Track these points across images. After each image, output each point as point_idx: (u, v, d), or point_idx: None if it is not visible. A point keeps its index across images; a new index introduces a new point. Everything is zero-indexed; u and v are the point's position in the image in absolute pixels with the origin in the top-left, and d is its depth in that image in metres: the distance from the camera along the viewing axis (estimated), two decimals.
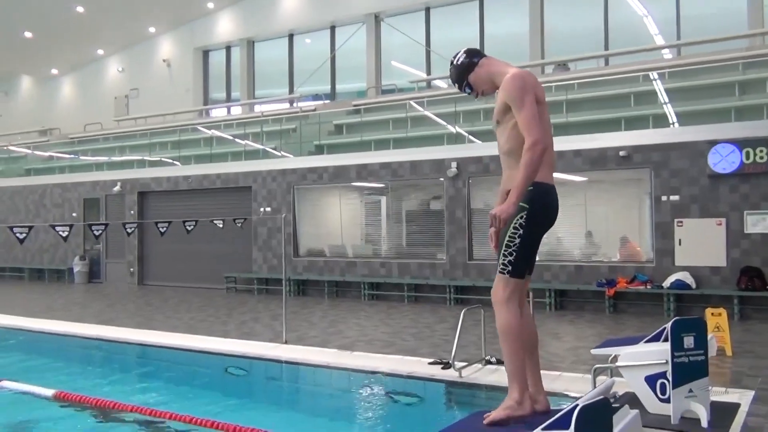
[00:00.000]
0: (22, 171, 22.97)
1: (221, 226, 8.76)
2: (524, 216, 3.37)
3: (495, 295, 3.44)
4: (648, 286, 11.08)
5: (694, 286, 10.78)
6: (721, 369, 6.80)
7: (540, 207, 3.43)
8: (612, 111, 13.11)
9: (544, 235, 3.85)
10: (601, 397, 2.53)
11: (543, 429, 2.50)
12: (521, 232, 3.36)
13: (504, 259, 3.38)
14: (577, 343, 8.57)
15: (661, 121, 12.39)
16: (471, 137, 14.07)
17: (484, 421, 3.14)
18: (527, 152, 3.32)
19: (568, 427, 2.24)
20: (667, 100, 12.92)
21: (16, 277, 20.43)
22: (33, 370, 7.66)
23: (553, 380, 6.27)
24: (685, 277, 10.84)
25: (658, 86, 13.38)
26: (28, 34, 24.40)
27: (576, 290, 11.81)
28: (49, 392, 6.40)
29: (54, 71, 28.43)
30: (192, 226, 7.76)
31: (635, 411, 2.90)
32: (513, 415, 3.15)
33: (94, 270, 19.03)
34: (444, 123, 14.80)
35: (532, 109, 3.40)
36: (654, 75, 13.67)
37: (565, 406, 2.44)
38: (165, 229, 7.42)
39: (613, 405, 2.84)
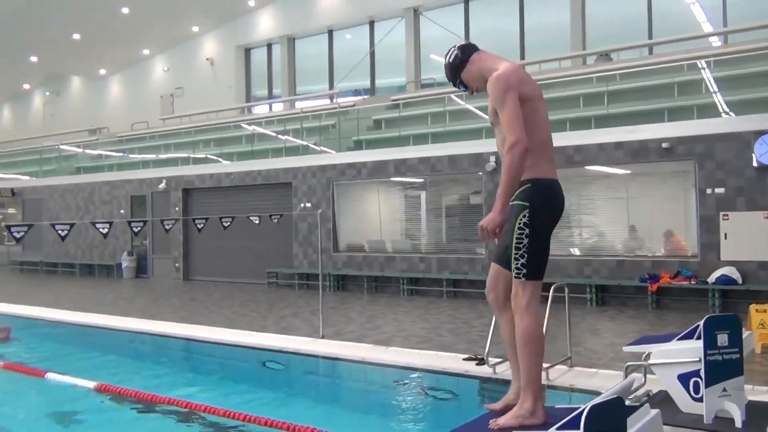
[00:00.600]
0: (73, 169, 23.68)
1: (258, 222, 8.88)
2: (526, 215, 3.28)
3: (515, 301, 3.35)
4: (692, 282, 10.81)
5: (740, 281, 10.47)
6: (766, 367, 6.60)
7: (541, 203, 3.33)
8: (655, 102, 12.80)
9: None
10: (615, 396, 2.50)
11: (557, 429, 2.48)
12: (527, 231, 3.26)
13: (516, 263, 3.28)
14: (616, 339, 8.43)
15: (705, 111, 12.05)
16: None
17: (492, 426, 3.12)
18: (507, 154, 3.24)
19: (578, 427, 2.22)
20: (716, 89, 12.54)
21: (68, 272, 21.10)
22: (78, 363, 7.91)
23: (588, 377, 6.20)
24: (731, 272, 10.53)
25: (707, 75, 13.00)
26: (76, 36, 25.10)
27: (617, 285, 11.60)
28: (91, 384, 6.62)
29: (102, 71, 29.20)
30: (228, 223, 7.89)
31: (656, 411, 2.84)
32: (524, 424, 3.11)
33: (141, 265, 19.52)
34: (484, 115, 14.67)
35: (512, 109, 3.31)
36: (702, 63, 13.29)
37: (581, 405, 2.42)
38: (202, 225, 7.57)
39: (633, 404, 2.80)
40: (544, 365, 6.29)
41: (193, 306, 12.62)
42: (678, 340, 4.51)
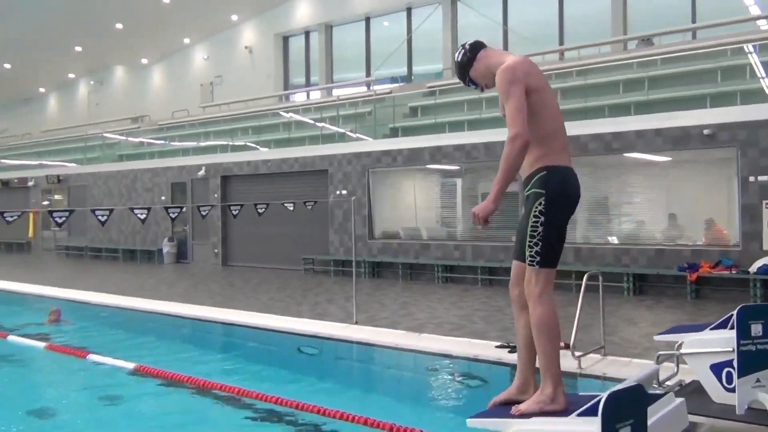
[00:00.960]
0: (116, 157, 24.21)
1: (292, 209, 8.98)
2: (542, 202, 3.25)
3: (527, 289, 3.33)
4: (733, 272, 10.57)
5: None
6: None
7: (557, 190, 3.28)
8: (697, 87, 12.49)
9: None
10: (634, 383, 2.48)
11: (577, 415, 2.48)
12: (542, 219, 3.22)
13: (530, 251, 3.25)
14: (652, 329, 8.30)
15: (749, 97, 11.71)
16: None
17: (514, 412, 3.13)
18: (506, 146, 3.23)
19: (597, 414, 2.22)
20: (764, 74, 12.16)
21: (112, 257, 21.64)
22: (118, 345, 8.15)
23: (622, 367, 6.14)
24: None
25: (754, 59, 12.60)
26: (119, 26, 25.58)
27: (656, 275, 11.41)
28: (130, 365, 6.82)
29: (144, 61, 29.71)
30: (263, 209, 8.00)
31: (680, 399, 2.81)
32: (545, 410, 3.11)
33: (181, 251, 19.90)
34: None
35: (516, 102, 3.29)
36: (748, 48, 12.90)
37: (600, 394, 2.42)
38: (237, 211, 7.69)
39: (656, 392, 2.78)
40: (577, 353, 6.27)
41: (231, 291, 12.84)
42: (711, 329, 4.45)
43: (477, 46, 3.67)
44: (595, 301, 6.79)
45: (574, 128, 12.56)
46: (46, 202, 24.92)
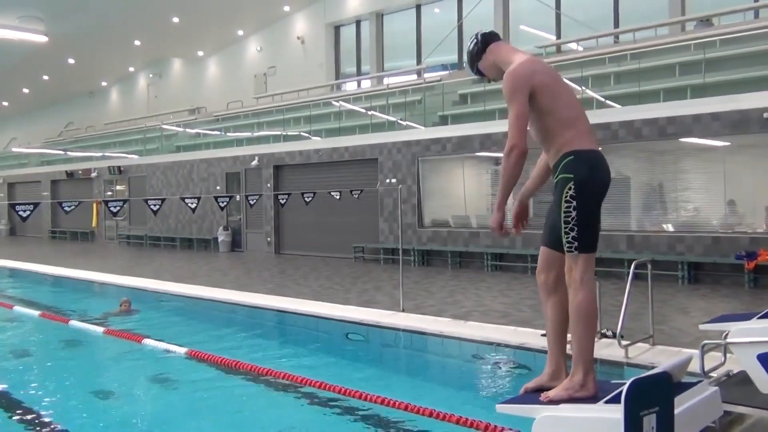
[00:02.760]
0: (173, 148, 24.86)
1: (338, 197, 9.08)
2: (571, 187, 3.19)
3: (568, 276, 3.28)
4: None
5: None
6: None
7: (586, 174, 3.22)
8: (756, 69, 12.00)
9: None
10: (661, 371, 2.45)
11: (605, 402, 2.47)
12: (574, 203, 3.17)
13: (567, 237, 3.21)
14: (704, 318, 8.07)
15: None
16: (601, 98, 13.46)
17: (543, 399, 3.12)
18: (503, 157, 3.24)
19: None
20: None
21: (170, 245, 22.29)
22: (172, 330, 8.41)
23: (670, 356, 6.02)
24: None
25: None
26: (175, 20, 26.16)
27: (712, 263, 11.09)
28: (182, 350, 7.05)
29: (200, 53, 30.33)
30: (310, 198, 8.12)
31: (714, 388, 2.75)
32: (574, 396, 3.09)
33: (236, 240, 20.35)
34: (575, 86, 14.21)
35: (515, 111, 3.29)
36: None
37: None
38: (285, 201, 7.82)
39: (689, 381, 2.73)
40: (624, 342, 6.18)
41: (282, 279, 13.08)
42: (759, 318, 4.32)
43: (488, 38, 3.64)
44: (648, 290, 6.67)
45: (627, 113, 12.31)
46: (109, 193, 25.82)
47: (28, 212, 5.67)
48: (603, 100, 13.40)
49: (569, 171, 3.24)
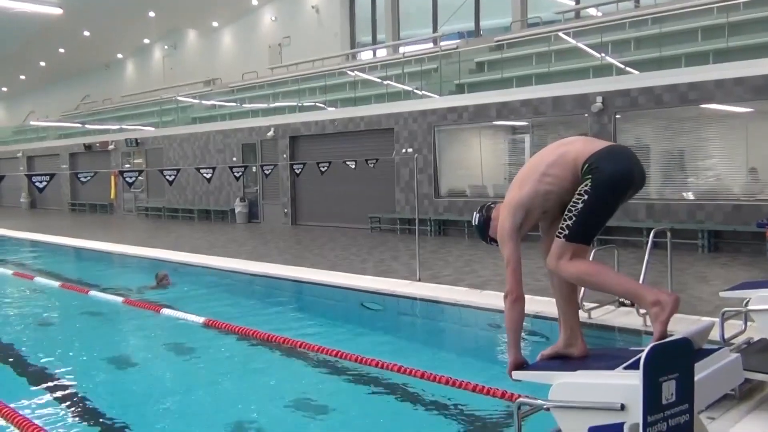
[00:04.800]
0: (190, 120, 24.87)
1: (354, 167, 9.04)
2: (588, 183, 3.05)
3: (549, 261, 3.15)
4: None
5: None
6: None
7: (608, 172, 3.04)
8: None
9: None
10: (680, 337, 2.41)
11: (624, 368, 2.44)
12: (585, 198, 3.00)
13: (563, 223, 3.10)
14: (724, 287, 7.99)
15: None
16: (620, 65, 13.21)
17: (538, 358, 3.12)
18: (503, 300, 3.17)
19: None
20: None
21: (187, 217, 22.42)
22: (190, 300, 8.49)
23: (689, 325, 5.92)
24: None
25: None
26: None
27: (732, 231, 10.94)
28: (200, 319, 7.11)
29: (215, 24, 30.13)
30: (325, 168, 8.08)
31: (735, 355, 2.71)
32: (561, 353, 3.12)
33: (252, 211, 20.40)
34: (594, 52, 13.96)
35: (506, 257, 3.19)
36: None
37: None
38: (300, 170, 7.80)
39: (710, 347, 2.69)
40: (642, 311, 6.12)
41: (298, 249, 13.12)
42: None
43: (490, 208, 3.55)
44: (667, 258, 6.60)
45: (647, 79, 12.08)
46: (127, 165, 25.94)
47: (44, 183, 5.69)
48: (622, 67, 13.15)
49: (589, 173, 3.05)
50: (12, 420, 4.36)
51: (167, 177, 6.53)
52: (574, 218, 3.04)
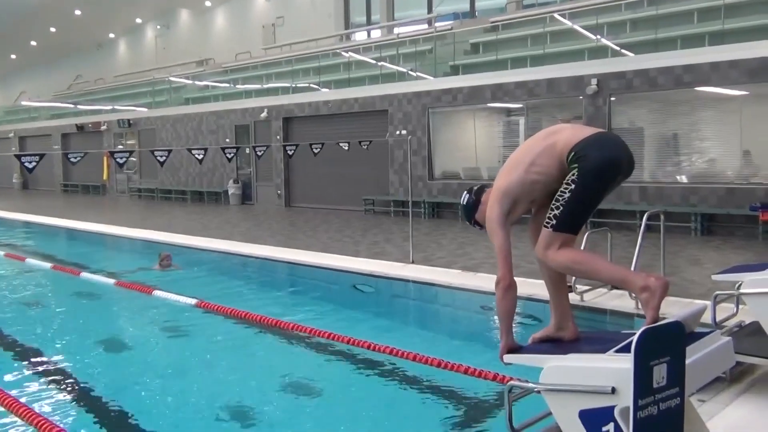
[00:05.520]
0: (182, 100, 24.68)
1: (347, 149, 8.98)
2: (575, 173, 3.02)
3: (537, 251, 3.13)
4: None
5: None
6: None
7: (595, 160, 3.01)
8: None
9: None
10: (673, 320, 2.39)
11: (615, 352, 2.43)
12: (572, 187, 2.97)
13: (550, 212, 3.07)
14: (716, 270, 8.02)
15: None
16: (615, 47, 13.14)
17: (529, 341, 3.11)
18: (495, 287, 3.12)
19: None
20: None
21: (180, 198, 22.33)
22: (181, 282, 8.45)
23: (681, 308, 5.95)
24: None
25: None
26: None
27: (726, 214, 10.96)
28: (192, 301, 7.08)
29: (207, 3, 29.81)
30: (318, 149, 8.03)
31: (726, 338, 2.70)
32: (552, 336, 3.11)
33: (246, 193, 20.32)
34: (589, 34, 13.86)
35: (497, 244, 3.15)
36: None
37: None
38: (293, 152, 7.74)
39: (701, 330, 2.68)
40: (633, 295, 6.12)
41: (291, 231, 13.09)
42: None
43: (480, 191, 3.47)
44: (660, 241, 6.61)
45: (643, 62, 12.02)
46: (120, 146, 25.76)
47: (34, 163, 5.63)
48: (618, 49, 13.08)
49: (575, 162, 3.02)
50: (2, 402, 4.34)
51: (158, 158, 6.48)
52: (561, 208, 3.00)
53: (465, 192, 3.55)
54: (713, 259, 8.97)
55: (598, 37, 13.44)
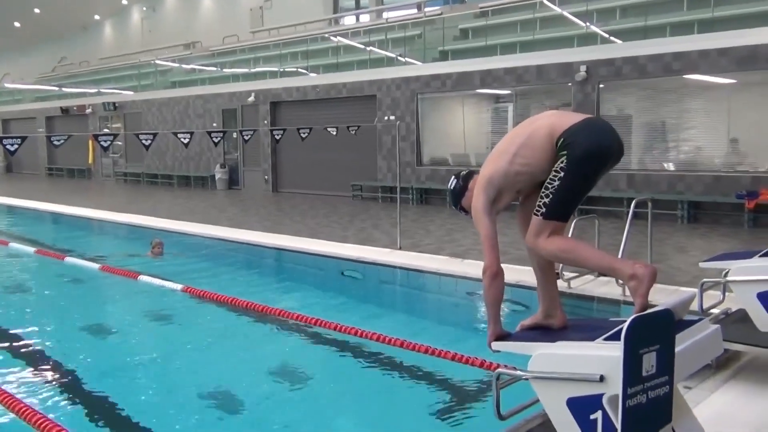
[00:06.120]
0: (169, 84, 24.42)
1: (335, 134, 8.91)
2: (564, 160, 2.99)
3: (528, 239, 3.10)
4: None
5: None
6: None
7: (584, 147, 2.99)
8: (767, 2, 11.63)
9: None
10: (662, 308, 2.38)
11: (604, 339, 2.41)
12: (561, 175, 2.94)
13: (540, 201, 3.05)
14: (704, 257, 8.02)
15: None
16: (605, 34, 13.11)
17: (517, 329, 3.09)
18: (482, 276, 3.09)
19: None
20: None
21: (167, 183, 22.15)
22: (167, 267, 8.38)
23: (667, 295, 5.96)
24: None
25: None
26: None
27: (712, 202, 11.01)
28: (178, 287, 7.02)
29: None
30: (306, 134, 7.96)
31: (715, 326, 2.69)
32: (540, 323, 3.07)
33: (233, 177, 20.18)
34: (578, 21, 13.81)
35: (482, 233, 3.12)
36: None
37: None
38: (280, 136, 7.67)
39: (690, 318, 2.67)
40: (621, 281, 6.12)
41: (279, 216, 13.02)
42: (760, 256, 4.26)
43: (468, 177, 3.41)
44: (647, 228, 6.61)
45: (632, 49, 12.00)
46: (105, 130, 25.48)
47: (15, 146, 5.52)
48: (607, 36, 13.05)
49: (564, 149, 2.98)
50: None
51: (143, 141, 6.39)
52: (551, 196, 2.97)
53: (453, 177, 3.50)
54: (699, 246, 9.01)
55: (588, 24, 13.40)
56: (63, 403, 4.30)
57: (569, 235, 3.41)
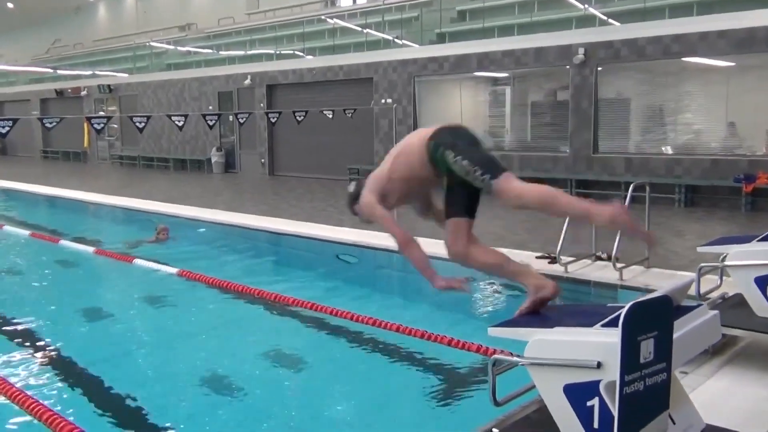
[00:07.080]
0: (164, 66, 24.22)
1: (331, 116, 8.85)
2: (449, 153, 3.18)
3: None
4: None
5: None
6: None
7: (450, 144, 3.21)
8: None
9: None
10: (661, 294, 2.35)
11: (602, 326, 2.38)
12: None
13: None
14: (700, 241, 7.97)
15: None
16: (603, 16, 13.00)
17: (515, 315, 3.10)
18: (399, 250, 3.50)
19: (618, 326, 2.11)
20: None
21: (163, 166, 22.04)
22: (163, 251, 8.35)
23: (665, 279, 5.98)
24: None
25: None
26: None
27: (710, 186, 10.98)
28: (174, 270, 6.99)
29: None
30: (302, 117, 7.89)
31: (713, 312, 2.67)
32: (537, 299, 3.07)
33: (229, 161, 20.09)
34: (577, 3, 13.70)
35: (381, 219, 3.46)
36: None
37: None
38: (275, 119, 7.60)
39: (689, 304, 2.64)
40: (619, 265, 6.11)
41: (275, 200, 12.96)
42: (758, 241, 4.24)
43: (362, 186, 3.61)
44: (644, 212, 6.59)
45: (630, 31, 11.91)
46: (101, 113, 25.31)
47: (7, 128, 5.46)
48: (605, 18, 12.95)
49: (435, 148, 3.18)
50: None
51: (137, 124, 6.32)
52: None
53: (353, 181, 3.80)
54: (696, 230, 8.99)
55: (586, 6, 13.29)
56: (57, 387, 4.28)
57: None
